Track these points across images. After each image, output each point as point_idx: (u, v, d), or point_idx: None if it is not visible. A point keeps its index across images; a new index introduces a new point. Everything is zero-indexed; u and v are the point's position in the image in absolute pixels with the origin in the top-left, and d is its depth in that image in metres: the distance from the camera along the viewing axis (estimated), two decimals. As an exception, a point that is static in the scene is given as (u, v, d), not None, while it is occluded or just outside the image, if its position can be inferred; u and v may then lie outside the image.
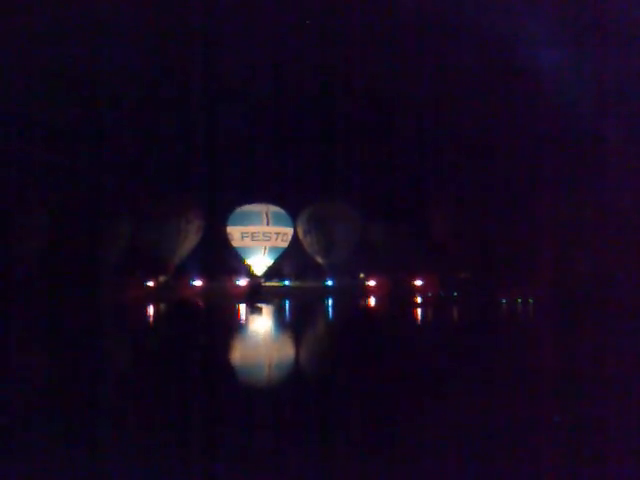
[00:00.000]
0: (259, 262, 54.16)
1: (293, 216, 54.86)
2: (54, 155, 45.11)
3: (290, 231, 54.64)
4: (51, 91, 44.78)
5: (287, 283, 51.60)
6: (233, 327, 25.08)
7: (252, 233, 53.33)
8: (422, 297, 42.53)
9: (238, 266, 53.54)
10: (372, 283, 49.53)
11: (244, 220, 53.63)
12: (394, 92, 56.52)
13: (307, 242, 55.00)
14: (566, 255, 39.11)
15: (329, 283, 52.02)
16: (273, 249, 54.19)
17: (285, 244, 54.49)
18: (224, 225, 53.92)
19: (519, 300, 38.18)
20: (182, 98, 54.04)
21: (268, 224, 53.62)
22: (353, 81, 56.22)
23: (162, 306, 33.41)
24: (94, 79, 47.39)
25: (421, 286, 46.28)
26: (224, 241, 53.58)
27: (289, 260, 54.43)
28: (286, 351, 16.97)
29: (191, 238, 50.19)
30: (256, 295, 43.60)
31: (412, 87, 55.58)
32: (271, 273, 54.26)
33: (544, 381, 9.23)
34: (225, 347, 16.57)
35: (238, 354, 16.20)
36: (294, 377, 10.95)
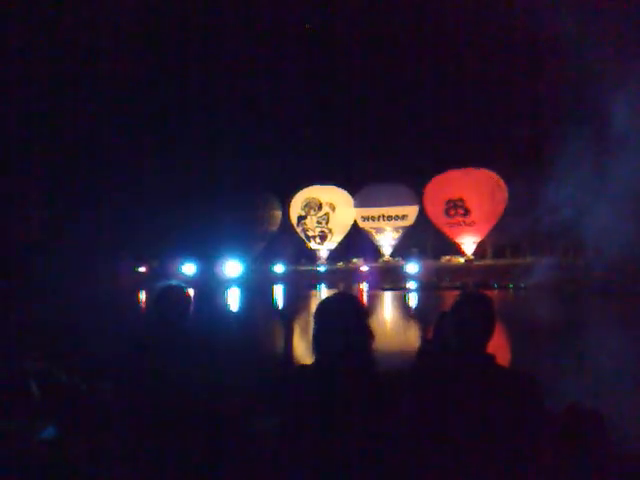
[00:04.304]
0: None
1: (282, 200, 54.45)
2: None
3: (279, 214, 54.30)
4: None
5: (278, 269, 50.99)
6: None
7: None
8: (416, 282, 42.46)
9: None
10: (365, 268, 49.42)
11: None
12: (392, 75, 56.09)
13: (301, 227, 54.74)
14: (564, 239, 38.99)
15: (321, 269, 51.83)
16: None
17: (275, 227, 54.19)
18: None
19: (511, 286, 38.14)
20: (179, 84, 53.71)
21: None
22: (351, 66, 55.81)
23: (148, 293, 33.29)
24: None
25: (414, 272, 46.18)
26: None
27: (280, 245, 54.04)
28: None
29: None
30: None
31: (410, 71, 55.14)
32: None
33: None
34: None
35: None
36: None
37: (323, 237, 54.57)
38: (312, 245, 55.06)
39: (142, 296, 33.96)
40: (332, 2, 54.09)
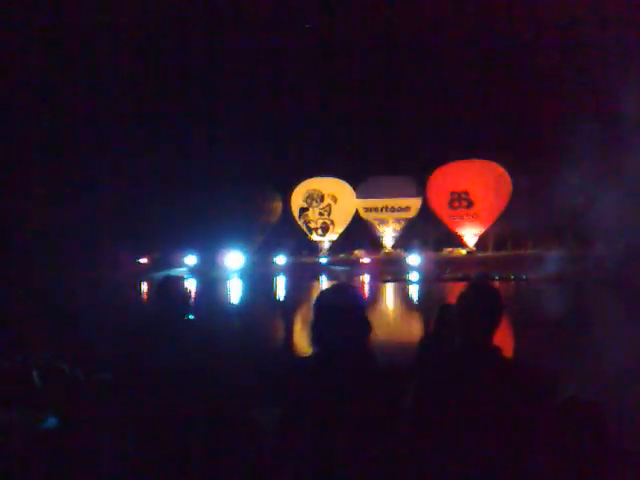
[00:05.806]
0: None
1: (283, 192, 54.30)
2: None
3: (279, 206, 54.15)
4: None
5: (279, 261, 50.86)
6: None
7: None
8: (417, 274, 42.46)
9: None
10: (366, 260, 49.40)
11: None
12: (396, 67, 55.94)
13: (303, 219, 54.65)
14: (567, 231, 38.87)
15: (323, 260, 51.81)
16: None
17: (275, 219, 54.08)
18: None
19: (512, 277, 38.13)
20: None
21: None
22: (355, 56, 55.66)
23: (149, 284, 33.31)
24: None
25: (416, 263, 46.19)
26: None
27: (281, 236, 53.97)
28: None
29: None
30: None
31: (413, 63, 54.99)
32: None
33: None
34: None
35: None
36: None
37: (325, 229, 54.51)
38: (314, 237, 55.00)
39: (143, 287, 34.00)
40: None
